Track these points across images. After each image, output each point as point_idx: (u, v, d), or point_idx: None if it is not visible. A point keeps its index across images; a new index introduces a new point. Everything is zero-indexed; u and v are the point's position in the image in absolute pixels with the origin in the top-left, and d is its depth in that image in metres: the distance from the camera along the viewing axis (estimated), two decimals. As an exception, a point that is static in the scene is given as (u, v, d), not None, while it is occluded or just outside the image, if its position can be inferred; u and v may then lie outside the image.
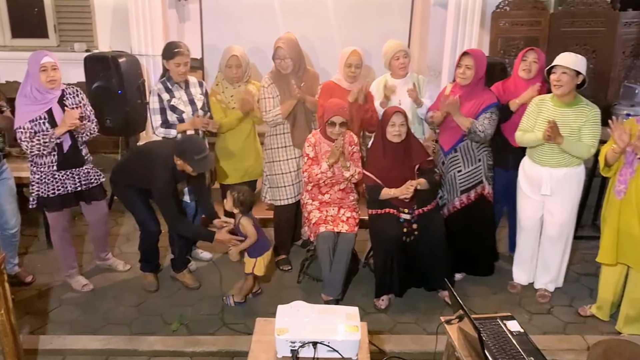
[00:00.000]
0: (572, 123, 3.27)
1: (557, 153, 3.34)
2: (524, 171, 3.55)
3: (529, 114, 3.44)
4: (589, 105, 3.32)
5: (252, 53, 4.47)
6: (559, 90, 3.26)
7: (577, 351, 3.13)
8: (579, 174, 3.42)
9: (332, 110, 3.43)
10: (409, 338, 3.26)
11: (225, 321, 3.42)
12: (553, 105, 3.35)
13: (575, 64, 3.22)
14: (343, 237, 3.50)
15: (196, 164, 3.25)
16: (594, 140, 3.28)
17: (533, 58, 3.65)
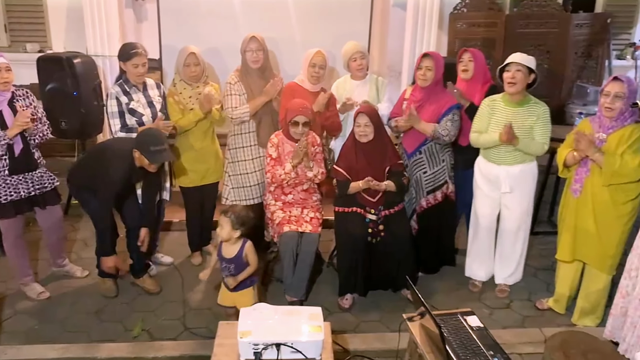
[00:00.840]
0: (523, 122, 3.35)
1: (513, 151, 3.42)
2: (480, 171, 3.61)
3: (481, 115, 3.51)
4: (539, 103, 3.41)
5: (210, 54, 4.43)
6: (512, 88, 3.33)
7: (535, 344, 3.20)
8: (533, 170, 3.52)
9: (294, 110, 3.43)
10: (373, 336, 3.28)
11: (187, 325, 3.37)
12: (504, 105, 3.42)
13: (528, 61, 3.31)
14: (307, 237, 3.50)
15: (152, 156, 3.16)
16: (546, 137, 3.38)
17: (468, 58, 3.74)
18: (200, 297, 3.66)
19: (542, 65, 5.68)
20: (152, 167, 3.24)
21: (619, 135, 3.02)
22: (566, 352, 2.56)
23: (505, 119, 3.36)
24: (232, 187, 3.92)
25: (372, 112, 3.50)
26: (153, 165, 3.24)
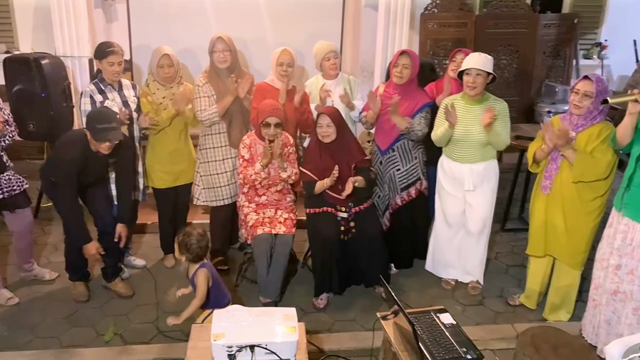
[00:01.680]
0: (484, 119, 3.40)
1: (475, 149, 3.49)
2: (444, 170, 3.66)
3: (441, 114, 3.55)
4: (497, 100, 3.48)
5: (183, 54, 4.40)
6: (473, 92, 3.40)
7: (507, 339, 3.25)
8: (494, 167, 3.59)
9: (266, 112, 3.42)
10: (348, 335, 3.29)
11: (160, 329, 3.33)
12: (464, 104, 3.48)
13: (486, 65, 3.37)
14: (281, 238, 3.50)
15: (98, 133, 3.10)
16: (507, 132, 3.46)
17: (461, 58, 3.78)
18: (173, 300, 3.61)
19: (511, 65, 5.78)
20: (103, 147, 3.16)
21: (588, 133, 3.08)
22: (537, 347, 2.61)
23: (466, 117, 3.42)
24: (203, 188, 3.89)
25: (333, 113, 3.51)
26: (103, 146, 3.15)
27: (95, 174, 3.38)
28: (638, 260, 2.83)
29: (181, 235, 2.88)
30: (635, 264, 2.84)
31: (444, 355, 2.31)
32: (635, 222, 2.82)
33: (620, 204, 2.90)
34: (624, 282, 2.91)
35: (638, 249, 2.82)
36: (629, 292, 2.89)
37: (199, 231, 2.90)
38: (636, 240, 2.82)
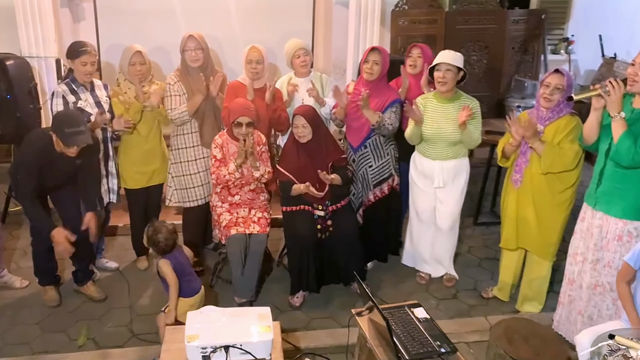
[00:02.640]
0: (456, 117, 3.44)
1: (446, 147, 3.52)
2: (416, 166, 3.70)
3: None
4: (469, 98, 3.52)
5: (154, 53, 4.33)
6: (444, 87, 3.43)
7: (481, 332, 3.30)
8: (465, 165, 3.63)
9: (237, 111, 3.39)
10: (324, 333, 3.30)
11: (134, 332, 3.30)
12: (437, 103, 3.51)
13: (457, 60, 3.40)
14: (255, 238, 3.48)
15: (66, 138, 3.01)
16: (478, 131, 3.50)
17: (417, 54, 3.83)
18: (147, 303, 3.59)
19: (481, 61, 5.86)
20: (70, 151, 3.08)
21: (555, 126, 3.14)
22: (509, 338, 2.65)
23: (438, 116, 3.46)
24: (175, 189, 3.85)
25: (308, 113, 3.50)
26: (71, 150, 3.07)
27: (62, 175, 3.29)
28: (613, 252, 2.88)
29: (150, 230, 2.94)
30: (611, 256, 2.89)
31: (419, 350, 2.32)
32: (608, 216, 2.87)
33: (593, 199, 2.94)
34: (601, 275, 2.96)
35: (612, 242, 2.87)
36: (607, 284, 2.94)
37: (168, 227, 2.95)
38: (610, 233, 2.87)
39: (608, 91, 2.64)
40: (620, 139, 2.64)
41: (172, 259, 2.93)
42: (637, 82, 2.65)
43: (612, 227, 2.86)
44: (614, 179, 2.81)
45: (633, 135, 2.63)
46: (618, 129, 2.66)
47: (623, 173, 2.76)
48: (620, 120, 2.66)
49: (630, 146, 2.62)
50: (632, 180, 2.75)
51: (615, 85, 2.63)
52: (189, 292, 2.97)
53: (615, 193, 2.82)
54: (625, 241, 2.82)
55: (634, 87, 2.67)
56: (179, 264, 2.95)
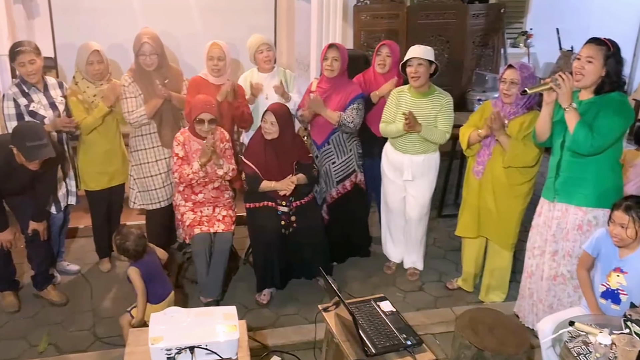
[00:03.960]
0: (428, 112, 3.48)
1: (417, 141, 3.54)
2: (387, 158, 3.72)
3: (389, 106, 3.60)
4: (443, 93, 3.55)
5: (112, 50, 4.24)
6: (417, 82, 3.44)
7: (447, 323, 3.34)
8: (435, 159, 3.66)
9: (199, 108, 3.34)
10: (291, 330, 3.29)
11: (98, 335, 3.23)
12: (411, 97, 3.53)
13: (428, 54, 3.42)
14: (220, 236, 3.44)
15: (28, 152, 2.92)
16: (448, 127, 3.52)
17: (386, 52, 3.83)
18: (110, 305, 3.51)
19: (443, 55, 5.91)
20: (32, 165, 3.00)
21: (519, 121, 3.19)
22: (474, 328, 2.69)
23: (411, 110, 3.46)
24: (138, 191, 3.78)
25: (279, 111, 3.48)
26: (33, 164, 2.99)
27: (20, 184, 3.20)
28: (573, 241, 2.95)
29: (118, 238, 2.89)
30: (570, 245, 2.96)
31: (385, 343, 2.34)
32: (568, 207, 2.93)
33: (552, 193, 2.99)
34: (560, 265, 3.03)
35: (572, 231, 2.94)
36: (567, 272, 3.01)
37: (136, 233, 2.91)
38: (570, 223, 2.94)
39: (559, 84, 2.71)
40: (577, 129, 2.71)
41: (142, 266, 2.89)
42: (584, 76, 2.73)
43: (572, 217, 2.93)
44: (572, 169, 2.88)
45: (587, 124, 2.71)
46: (572, 119, 2.73)
47: (580, 163, 2.84)
48: (573, 110, 2.74)
49: (587, 133, 2.69)
50: (590, 168, 2.83)
51: (566, 78, 2.70)
52: (157, 299, 2.93)
53: (575, 183, 2.89)
54: (585, 230, 2.89)
55: (580, 82, 2.76)
56: (149, 269, 2.92)
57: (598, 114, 2.73)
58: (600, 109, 2.73)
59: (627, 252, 2.55)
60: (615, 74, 2.73)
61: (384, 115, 3.62)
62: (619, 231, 2.51)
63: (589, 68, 2.72)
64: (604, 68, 2.71)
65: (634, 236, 2.49)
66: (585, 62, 2.72)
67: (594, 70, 2.72)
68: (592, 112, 2.75)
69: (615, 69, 2.72)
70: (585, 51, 2.73)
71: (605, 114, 2.71)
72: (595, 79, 2.74)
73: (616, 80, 2.74)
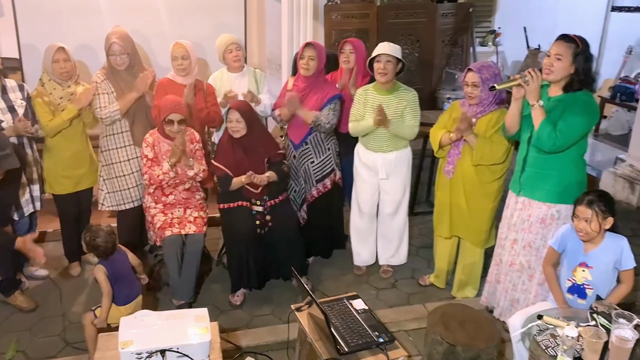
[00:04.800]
0: (395, 108, 3.51)
1: (387, 139, 3.57)
2: (360, 158, 3.73)
3: (356, 104, 3.62)
4: (407, 89, 3.59)
5: (79, 51, 4.17)
6: (384, 78, 3.47)
7: (420, 319, 3.37)
8: (407, 155, 3.69)
9: (167, 108, 3.31)
10: (265, 330, 3.28)
11: (68, 341, 3.18)
12: (377, 94, 3.55)
13: (396, 52, 3.45)
14: (191, 238, 3.42)
15: None
16: (415, 121, 3.56)
17: (349, 49, 3.86)
18: (80, 310, 3.44)
19: (413, 54, 5.97)
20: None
21: (486, 119, 3.24)
22: (446, 324, 2.72)
23: (379, 104, 3.48)
24: (107, 192, 3.73)
25: (243, 108, 3.47)
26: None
27: None
28: (535, 234, 3.02)
29: (87, 235, 2.85)
30: (532, 237, 3.03)
31: (357, 341, 2.35)
32: (532, 201, 3.00)
33: (518, 187, 3.07)
34: (519, 255, 3.11)
35: (535, 224, 3.01)
36: (526, 262, 3.09)
37: (105, 229, 2.88)
38: (533, 216, 3.01)
39: (527, 81, 2.75)
40: (541, 126, 2.77)
41: (110, 265, 2.86)
42: (552, 72, 2.78)
43: (536, 211, 3.00)
44: (537, 165, 2.95)
45: (552, 122, 2.76)
46: (538, 116, 2.79)
47: (545, 159, 2.90)
48: (539, 108, 2.79)
49: (550, 132, 2.74)
50: (553, 165, 2.89)
51: (534, 75, 2.75)
52: (123, 300, 2.90)
53: (538, 178, 2.95)
54: (548, 224, 2.97)
55: (549, 77, 2.81)
56: (117, 269, 2.89)
57: (564, 113, 2.78)
58: (566, 107, 2.79)
59: (592, 247, 2.61)
60: (584, 71, 2.77)
61: (352, 115, 3.64)
62: (583, 226, 2.56)
63: (557, 65, 2.77)
64: (572, 65, 2.75)
65: (598, 230, 2.55)
66: (554, 59, 2.77)
67: (563, 68, 2.76)
68: (558, 110, 2.81)
69: (584, 66, 2.76)
70: (555, 48, 2.78)
71: (570, 113, 2.76)
72: (564, 75, 2.79)
73: (584, 78, 2.78)
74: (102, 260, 2.87)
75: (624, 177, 5.07)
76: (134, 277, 3.03)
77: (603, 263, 2.59)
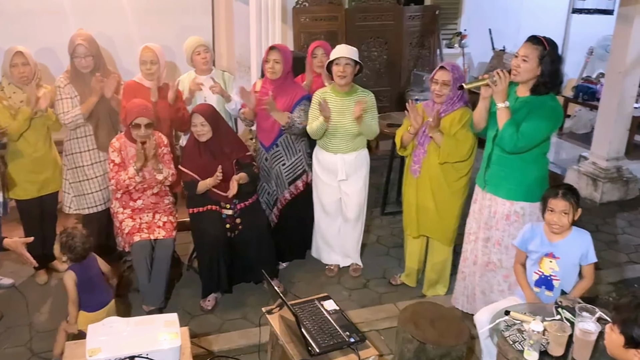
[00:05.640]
0: (353, 110, 3.51)
1: (347, 140, 3.60)
2: (318, 161, 3.75)
3: (313, 107, 3.62)
4: (365, 91, 3.63)
5: (42, 54, 4.10)
6: (343, 81, 3.49)
7: (391, 318, 3.39)
8: (365, 156, 3.74)
9: (134, 112, 3.27)
10: (237, 334, 3.26)
11: (35, 351, 3.10)
12: (335, 96, 3.57)
13: (354, 54, 3.48)
14: (160, 243, 3.38)
15: None
16: (375, 122, 3.62)
17: (322, 53, 3.90)
18: (47, 318, 3.38)
19: (381, 56, 6.02)
20: None
21: (450, 118, 3.29)
22: (416, 322, 2.76)
23: (336, 109, 3.52)
24: (73, 196, 3.67)
25: (206, 111, 3.45)
26: None
27: None
28: (502, 231, 3.07)
29: (64, 236, 2.82)
30: (500, 234, 3.09)
31: (328, 341, 2.36)
32: (496, 197, 3.06)
33: (483, 182, 3.13)
34: (492, 253, 3.15)
35: (501, 221, 3.06)
36: (498, 261, 3.13)
37: (82, 231, 2.87)
38: (499, 213, 3.06)
39: (495, 81, 2.80)
40: (505, 127, 2.82)
41: (81, 270, 2.83)
42: (519, 73, 2.84)
43: (500, 207, 3.05)
44: (500, 163, 3.00)
45: (516, 123, 2.82)
46: (503, 117, 2.84)
47: (508, 158, 2.95)
48: (504, 109, 2.84)
49: (512, 133, 2.80)
50: (516, 165, 2.94)
51: (502, 76, 2.79)
52: (93, 307, 2.86)
53: (501, 176, 3.01)
54: (513, 220, 3.02)
55: (517, 77, 2.86)
56: (87, 275, 2.85)
57: (528, 115, 2.83)
58: (531, 110, 2.83)
59: (558, 238, 2.67)
60: (550, 74, 2.80)
61: (310, 117, 3.64)
62: (558, 218, 2.61)
63: (524, 66, 2.81)
64: (538, 67, 2.80)
65: (572, 221, 2.62)
66: (521, 60, 2.81)
67: (529, 69, 2.81)
68: (524, 111, 2.85)
69: (550, 68, 2.79)
70: (522, 50, 2.82)
71: (534, 116, 2.81)
72: (530, 77, 2.83)
73: (549, 81, 2.82)
74: (74, 265, 2.82)
75: (587, 174, 5.20)
76: (105, 282, 2.98)
77: (570, 255, 2.65)
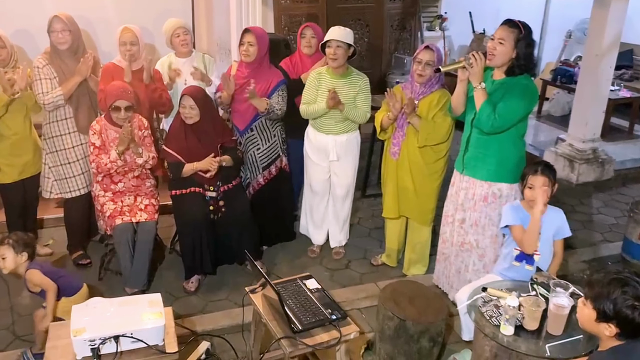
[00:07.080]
0: (347, 92, 3.56)
1: (339, 121, 3.62)
2: (310, 140, 3.77)
3: (309, 87, 3.64)
4: (360, 74, 3.64)
5: (18, 35, 4.03)
6: (335, 63, 3.50)
7: (372, 297, 3.46)
8: (356, 138, 3.76)
9: (114, 94, 3.25)
10: (220, 314, 3.30)
11: (17, 334, 3.11)
12: (330, 78, 3.59)
13: (347, 37, 3.48)
14: (142, 226, 3.39)
15: None
16: (367, 106, 3.62)
17: (311, 34, 3.88)
18: (29, 302, 3.37)
19: (363, 39, 6.02)
20: None
21: (428, 100, 3.33)
22: (396, 300, 2.82)
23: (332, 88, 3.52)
24: (54, 180, 3.65)
25: (197, 94, 3.44)
26: None
27: None
28: (479, 212, 3.14)
29: (9, 240, 2.80)
30: (477, 215, 3.15)
31: (311, 319, 2.40)
32: (475, 179, 3.12)
33: (461, 165, 3.18)
34: (468, 234, 3.22)
35: (479, 203, 3.12)
36: (474, 241, 3.20)
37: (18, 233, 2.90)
38: (477, 195, 3.12)
39: (471, 63, 2.85)
40: (481, 108, 2.87)
41: (40, 266, 2.84)
42: (495, 56, 2.88)
43: (478, 189, 3.11)
44: (479, 145, 3.06)
45: (492, 104, 2.87)
46: (480, 98, 2.89)
47: (486, 140, 3.01)
48: (481, 90, 2.89)
49: (490, 113, 2.85)
50: (493, 146, 3.00)
51: (477, 58, 2.84)
52: (70, 290, 2.87)
53: (480, 158, 3.07)
54: (490, 202, 3.09)
55: (493, 60, 2.90)
56: (47, 266, 2.89)
57: (504, 96, 2.88)
58: (507, 90, 2.88)
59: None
60: (525, 56, 2.86)
61: (304, 97, 3.66)
62: (540, 193, 2.68)
63: (500, 49, 2.85)
64: (514, 50, 2.84)
65: (551, 195, 2.70)
66: (497, 43, 2.86)
67: (505, 52, 2.85)
68: (499, 93, 2.90)
69: (525, 52, 2.85)
70: (499, 33, 2.87)
71: (510, 96, 2.86)
72: (506, 60, 2.88)
73: (524, 63, 2.88)
74: (32, 262, 2.83)
75: (564, 156, 5.30)
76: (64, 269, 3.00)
77: (547, 230, 2.74)
